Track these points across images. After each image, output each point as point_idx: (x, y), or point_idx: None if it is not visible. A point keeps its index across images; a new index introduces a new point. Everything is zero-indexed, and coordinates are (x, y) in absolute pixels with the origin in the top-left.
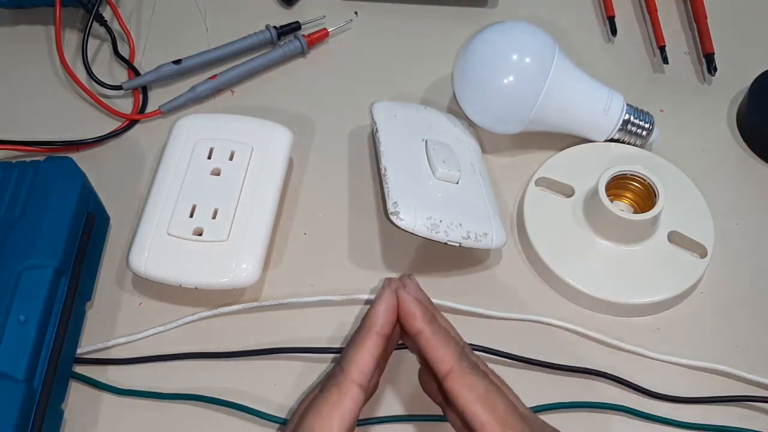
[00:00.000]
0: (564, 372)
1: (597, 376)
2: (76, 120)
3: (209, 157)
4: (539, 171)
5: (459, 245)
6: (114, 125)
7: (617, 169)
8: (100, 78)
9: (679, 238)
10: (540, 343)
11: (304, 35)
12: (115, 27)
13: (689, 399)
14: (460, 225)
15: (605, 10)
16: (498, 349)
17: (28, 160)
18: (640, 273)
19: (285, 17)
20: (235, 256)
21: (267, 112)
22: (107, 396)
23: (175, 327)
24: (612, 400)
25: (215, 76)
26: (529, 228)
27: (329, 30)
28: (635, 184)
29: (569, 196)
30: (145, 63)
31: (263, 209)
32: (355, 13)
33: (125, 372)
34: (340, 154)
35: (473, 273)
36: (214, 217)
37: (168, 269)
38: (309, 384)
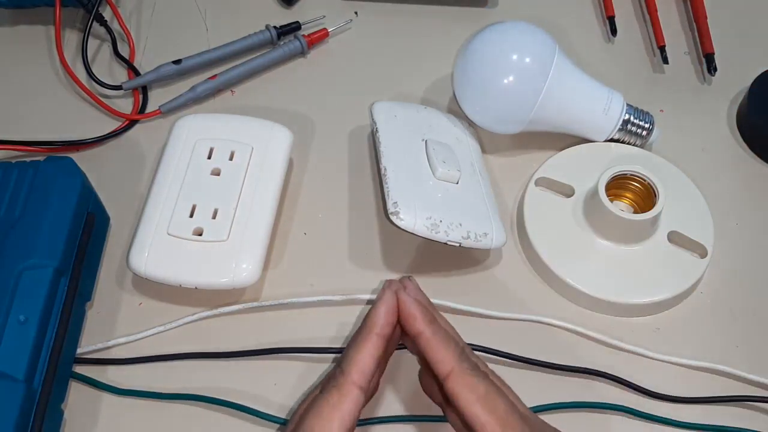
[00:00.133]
0: (564, 372)
1: (597, 376)
2: (76, 120)
3: (209, 157)
4: (539, 171)
5: (459, 245)
6: (114, 125)
7: (617, 169)
8: (100, 78)
9: (679, 238)
10: (540, 343)
11: (304, 35)
12: (115, 27)
13: (689, 399)
14: (460, 225)
15: (605, 10)
16: (498, 349)
17: (28, 160)
18: (640, 273)
19: (285, 17)
20: (235, 256)
21: (267, 112)
22: (107, 396)
23: (175, 327)
24: (612, 400)
25: (215, 76)
26: (529, 228)
27: (329, 30)
28: (635, 184)
29: (569, 196)
30: (145, 63)
31: (263, 209)
32: (355, 13)
33: (125, 372)
34: (340, 154)
35: (473, 273)
36: (214, 217)
37: (168, 269)
38: (309, 384)
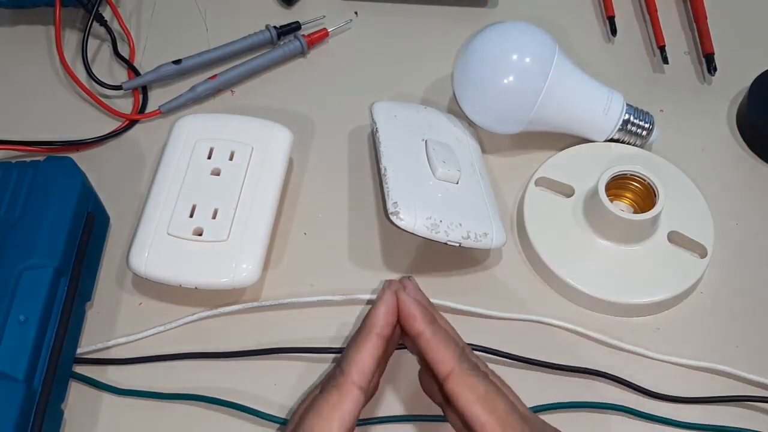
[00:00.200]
0: (564, 372)
1: (597, 376)
2: (76, 120)
3: (209, 157)
4: (539, 171)
5: (459, 245)
6: (114, 125)
7: (617, 169)
8: (100, 78)
9: (679, 238)
10: (540, 343)
11: (304, 35)
12: (115, 27)
13: (689, 399)
14: (460, 225)
15: (605, 10)
16: (498, 349)
17: (28, 160)
18: (640, 273)
19: (285, 17)
20: (235, 256)
21: (267, 112)
22: (107, 396)
23: (175, 327)
24: (612, 400)
25: (215, 76)
26: (529, 228)
27: (329, 30)
28: (635, 184)
29: (569, 196)
30: (145, 63)
31: (263, 209)
32: (355, 13)
33: (125, 372)
34: (340, 154)
35: (473, 273)
36: (214, 217)
37: (168, 269)
38: (309, 384)
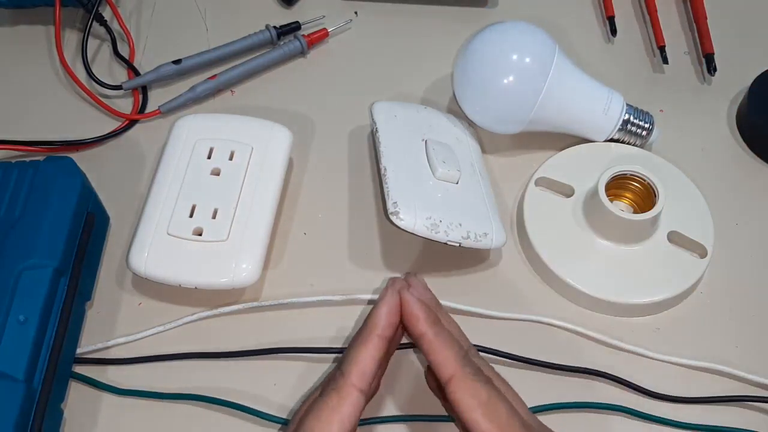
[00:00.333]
0: (564, 372)
1: (597, 376)
2: (76, 120)
3: (209, 157)
4: (539, 171)
5: (459, 245)
6: (114, 125)
7: (617, 169)
8: (100, 78)
9: (679, 238)
10: (540, 343)
11: (304, 35)
12: (115, 27)
13: (689, 399)
14: (460, 225)
15: (605, 10)
16: (498, 349)
17: (28, 160)
18: (640, 273)
19: (285, 17)
20: (235, 256)
21: (267, 112)
22: (107, 396)
23: (175, 327)
24: (612, 400)
25: (215, 76)
26: (529, 228)
27: (329, 30)
28: (635, 184)
29: (569, 196)
30: (145, 63)
31: (263, 209)
32: (355, 13)
33: (125, 372)
34: (340, 154)
35: (473, 273)
36: (213, 217)
37: (168, 269)
38: (309, 384)
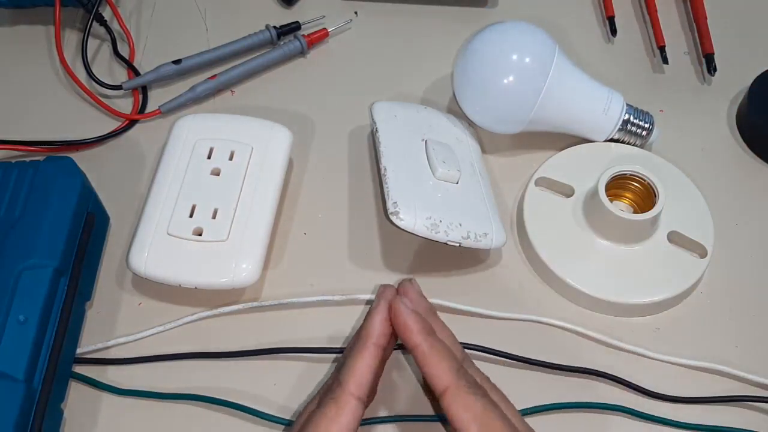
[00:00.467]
0: (564, 372)
1: (597, 376)
2: (76, 120)
3: (209, 157)
4: (539, 171)
5: (459, 245)
6: (114, 125)
7: (617, 169)
8: (100, 78)
9: (679, 238)
10: (540, 343)
11: (304, 35)
12: (115, 27)
13: (689, 399)
14: (460, 225)
15: (605, 10)
16: (498, 349)
17: (28, 160)
18: (640, 273)
19: (285, 17)
20: (235, 256)
21: (267, 112)
22: (107, 396)
23: (175, 327)
24: (612, 400)
25: (215, 76)
26: (529, 228)
27: (329, 30)
28: (635, 184)
29: (569, 196)
30: (145, 63)
31: (263, 209)
32: (355, 13)
33: (125, 372)
34: (340, 154)
35: (473, 273)
36: (213, 217)
37: (168, 269)
38: (309, 384)
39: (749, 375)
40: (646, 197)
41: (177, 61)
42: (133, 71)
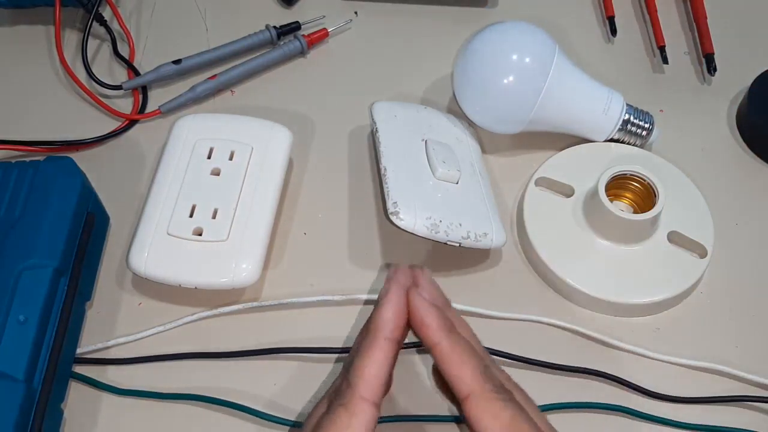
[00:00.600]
0: (564, 372)
1: (597, 376)
2: (76, 120)
3: (209, 157)
4: (539, 171)
5: (459, 245)
6: (114, 125)
7: (617, 169)
8: (100, 78)
9: (679, 238)
10: (540, 343)
11: (304, 35)
12: (115, 27)
13: (689, 399)
14: (460, 225)
15: (605, 10)
16: (498, 349)
17: (28, 160)
18: (640, 273)
19: (285, 17)
20: (235, 256)
21: (267, 112)
22: (107, 396)
23: (175, 327)
24: (612, 400)
25: (215, 76)
26: (529, 228)
27: (329, 30)
28: (635, 184)
29: (569, 196)
30: (145, 63)
31: (263, 209)
32: (355, 13)
33: (125, 372)
34: (340, 154)
35: (473, 273)
36: (213, 217)
37: (168, 269)
38: (309, 384)
39: (749, 375)
40: (646, 197)
41: (177, 61)
42: (133, 71)
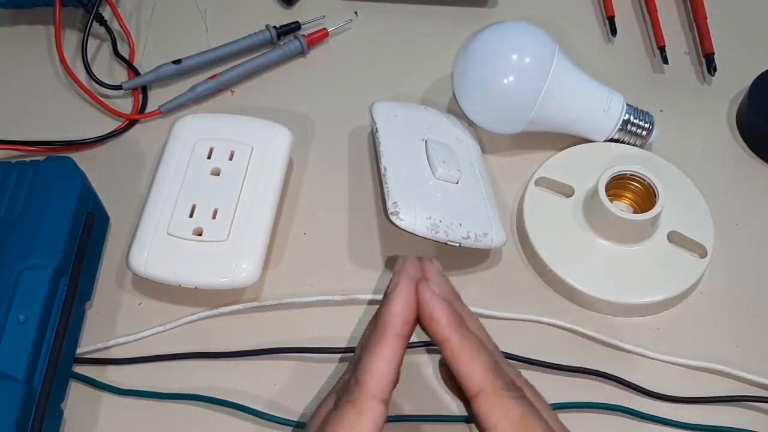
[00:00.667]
0: (564, 372)
1: (597, 376)
2: (76, 120)
3: (209, 157)
4: (539, 171)
5: (459, 245)
6: (114, 125)
7: (617, 169)
8: (100, 78)
9: (679, 238)
10: (540, 343)
11: (304, 35)
12: (115, 27)
13: (689, 399)
14: (460, 225)
15: (605, 10)
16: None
17: (28, 160)
18: (640, 273)
19: (285, 17)
20: (235, 256)
21: (267, 112)
22: (107, 396)
23: (175, 327)
24: (612, 400)
25: (215, 76)
26: (529, 228)
27: (329, 30)
28: (635, 184)
29: (569, 196)
30: (145, 63)
31: (263, 209)
32: (355, 13)
33: (125, 372)
34: (340, 154)
35: (473, 273)
36: (214, 217)
37: (168, 269)
38: (309, 384)
39: (749, 375)
40: (646, 197)
41: (177, 61)
42: (133, 71)
